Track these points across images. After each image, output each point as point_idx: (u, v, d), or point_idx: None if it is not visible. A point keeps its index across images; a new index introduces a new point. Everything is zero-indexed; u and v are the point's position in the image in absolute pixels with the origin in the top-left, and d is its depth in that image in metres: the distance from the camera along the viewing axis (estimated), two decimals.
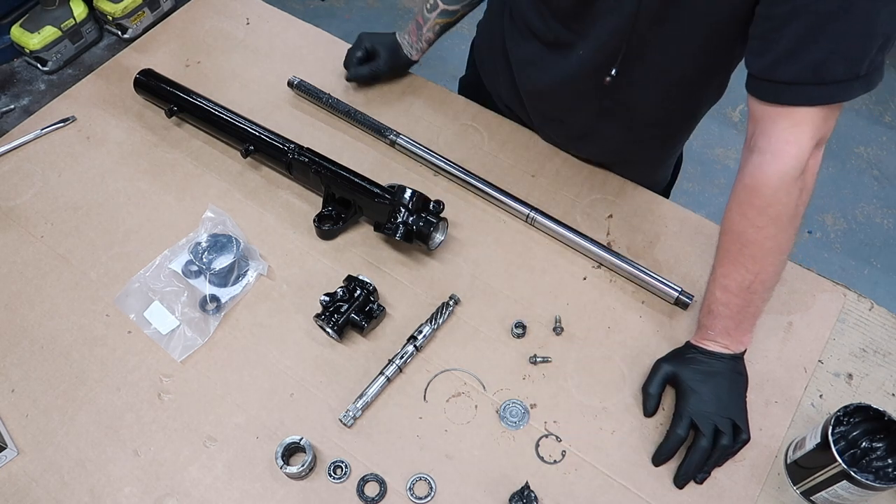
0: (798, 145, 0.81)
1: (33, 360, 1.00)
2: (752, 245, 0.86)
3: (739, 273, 0.88)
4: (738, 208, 0.87)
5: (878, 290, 2.26)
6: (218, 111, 1.20)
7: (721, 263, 0.90)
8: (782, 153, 0.81)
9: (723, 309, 0.91)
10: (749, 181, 0.84)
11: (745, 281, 0.88)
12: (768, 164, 0.82)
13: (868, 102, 2.76)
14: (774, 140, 0.82)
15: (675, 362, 0.94)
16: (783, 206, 0.83)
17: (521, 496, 0.87)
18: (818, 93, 0.78)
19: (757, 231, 0.85)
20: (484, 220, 1.14)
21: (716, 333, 0.93)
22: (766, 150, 0.83)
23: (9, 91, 1.34)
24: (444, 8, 1.22)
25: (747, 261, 0.87)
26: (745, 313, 0.91)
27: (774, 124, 0.82)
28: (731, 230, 0.88)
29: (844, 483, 0.80)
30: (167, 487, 0.89)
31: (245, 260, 1.07)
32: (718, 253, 0.91)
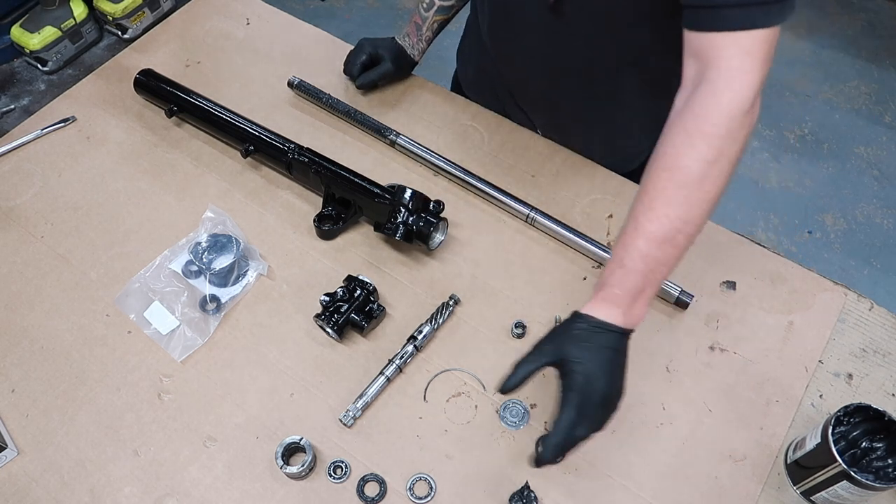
0: (751, 74, 0.76)
1: (33, 360, 1.00)
2: (692, 185, 0.76)
3: (669, 219, 0.76)
4: (684, 139, 0.76)
5: (878, 290, 2.26)
6: (218, 111, 1.20)
7: (651, 206, 0.77)
8: (736, 81, 0.75)
9: (639, 263, 0.77)
10: (700, 110, 0.76)
11: (672, 229, 0.76)
12: (722, 92, 0.75)
13: (868, 102, 2.76)
14: (725, 69, 0.76)
15: (561, 340, 0.79)
16: (734, 141, 0.76)
17: (521, 496, 0.87)
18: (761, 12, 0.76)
19: (704, 167, 0.75)
20: (484, 220, 1.14)
21: (622, 293, 0.78)
22: (717, 79, 0.76)
23: (9, 91, 1.34)
24: (439, 4, 1.23)
25: (681, 204, 0.76)
26: (657, 273, 0.78)
27: (722, 55, 0.76)
28: (673, 166, 0.76)
29: (844, 483, 0.80)
30: (167, 487, 0.89)
31: (245, 260, 1.07)
32: (647, 195, 0.78)
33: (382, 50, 1.28)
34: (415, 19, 1.27)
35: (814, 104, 2.75)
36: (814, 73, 2.86)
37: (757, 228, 2.41)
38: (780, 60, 2.88)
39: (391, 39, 1.30)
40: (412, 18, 1.27)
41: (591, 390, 0.76)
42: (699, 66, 0.79)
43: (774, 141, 2.64)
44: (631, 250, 0.77)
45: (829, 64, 2.89)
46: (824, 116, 2.71)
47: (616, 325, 0.78)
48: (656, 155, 0.79)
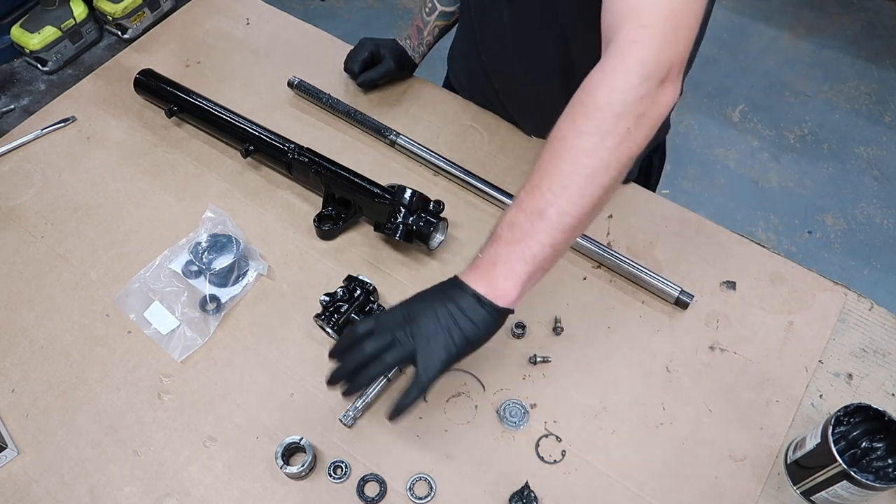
0: (643, 46, 0.71)
1: (33, 360, 1.00)
2: (566, 158, 0.72)
3: (541, 191, 0.73)
4: (567, 113, 0.74)
5: (878, 290, 2.26)
6: (218, 111, 1.20)
7: (529, 179, 0.75)
8: (625, 53, 0.72)
9: (506, 232, 0.74)
10: (588, 85, 0.73)
11: (542, 203, 0.73)
12: (609, 64, 0.72)
13: (868, 102, 2.76)
14: (621, 40, 0.72)
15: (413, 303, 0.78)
16: (614, 117, 0.71)
17: (521, 496, 0.87)
18: None
19: (579, 139, 0.72)
20: (484, 220, 1.14)
21: (483, 259, 0.76)
22: (610, 52, 0.73)
23: (9, 91, 1.34)
24: (441, 10, 1.23)
25: (554, 177, 0.72)
26: (523, 246, 0.73)
27: (620, 27, 0.73)
28: (553, 137, 0.74)
29: (844, 483, 0.80)
30: (167, 487, 0.89)
31: (245, 260, 1.07)
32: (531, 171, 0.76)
33: (384, 49, 1.28)
34: (416, 23, 1.27)
35: (814, 104, 2.75)
36: (814, 73, 2.86)
37: (757, 228, 2.41)
38: (780, 60, 2.88)
39: (392, 40, 1.30)
40: (414, 22, 1.27)
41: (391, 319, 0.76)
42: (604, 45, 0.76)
43: (774, 141, 2.64)
44: (503, 221, 0.76)
45: (829, 64, 2.89)
46: (824, 116, 2.71)
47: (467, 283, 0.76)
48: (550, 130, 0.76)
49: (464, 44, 1.28)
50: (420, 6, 1.26)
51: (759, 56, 2.91)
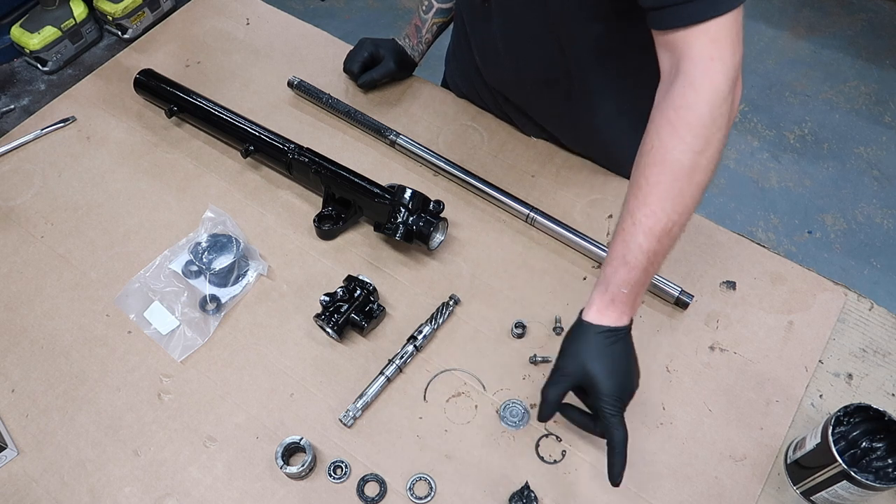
0: (723, 61, 0.77)
1: (33, 360, 1.00)
2: (684, 177, 0.77)
3: (665, 213, 0.77)
4: (671, 133, 0.77)
5: (878, 290, 2.26)
6: (218, 111, 1.20)
7: (645, 202, 0.78)
8: (711, 70, 0.77)
9: (642, 259, 0.78)
10: (681, 102, 0.77)
11: (670, 222, 0.77)
12: (700, 83, 0.77)
13: (868, 102, 2.76)
14: (699, 60, 0.77)
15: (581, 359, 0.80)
16: (718, 128, 0.77)
17: (521, 496, 0.87)
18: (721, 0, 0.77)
19: (694, 157, 0.76)
20: (484, 220, 1.14)
21: (629, 292, 0.79)
22: (693, 70, 0.77)
23: (9, 91, 1.34)
24: (438, 7, 1.23)
25: (676, 197, 0.77)
26: (656, 266, 0.79)
27: (692, 48, 0.78)
28: (663, 160, 0.77)
29: (844, 483, 0.80)
30: (167, 487, 0.89)
31: (245, 260, 1.07)
32: (641, 191, 0.78)
33: (384, 49, 1.28)
34: (415, 22, 1.27)
35: (814, 104, 2.75)
36: (814, 73, 2.86)
37: (757, 228, 2.41)
38: (780, 60, 2.88)
39: (391, 40, 1.30)
40: (412, 21, 1.27)
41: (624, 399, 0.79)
42: (673, 59, 0.80)
43: (774, 141, 2.64)
44: (633, 247, 0.78)
45: (829, 64, 2.89)
46: (824, 116, 2.71)
47: (625, 326, 0.80)
48: (644, 150, 0.80)
49: (458, 46, 1.28)
50: (417, 4, 1.26)
51: (759, 56, 2.91)
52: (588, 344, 0.80)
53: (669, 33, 0.79)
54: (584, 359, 0.80)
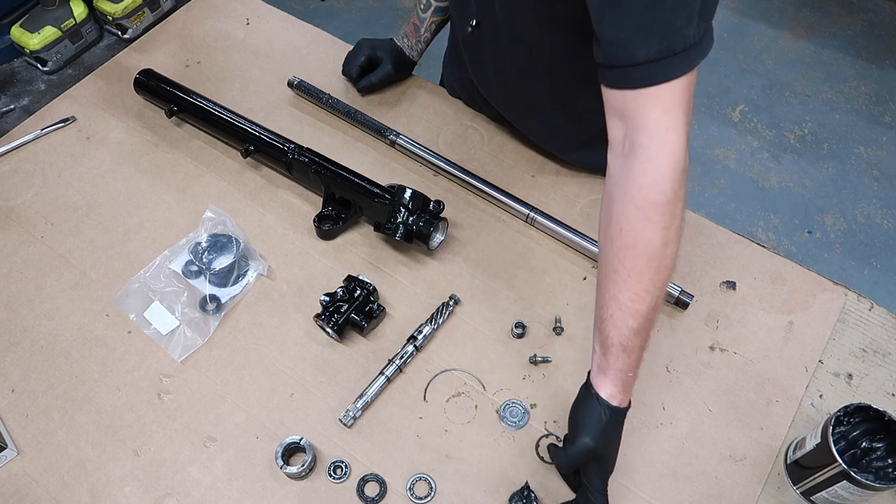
0: (677, 130, 0.75)
1: (33, 360, 1.00)
2: (659, 256, 0.77)
3: (648, 292, 0.77)
4: (639, 215, 0.76)
5: (878, 290, 2.26)
6: (218, 111, 1.20)
7: (628, 286, 0.78)
8: (667, 142, 0.75)
9: (637, 340, 0.79)
10: (643, 181, 0.76)
11: (654, 299, 0.78)
12: (658, 158, 0.75)
13: (868, 102, 2.76)
14: (654, 131, 0.76)
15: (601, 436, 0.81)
16: (680, 198, 0.77)
17: (521, 496, 0.87)
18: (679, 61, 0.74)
19: (664, 234, 0.76)
20: (484, 220, 1.14)
21: (633, 376, 0.82)
22: (649, 144, 0.76)
23: (9, 91, 1.34)
24: (436, 5, 1.23)
25: (654, 275, 0.77)
26: (648, 339, 0.81)
27: (646, 116, 0.76)
28: (636, 243, 0.77)
29: (844, 483, 0.80)
30: (167, 487, 0.89)
31: (245, 260, 1.07)
32: (619, 275, 0.78)
33: (381, 52, 1.28)
34: (413, 21, 1.27)
35: (814, 104, 2.75)
36: (814, 73, 2.86)
37: (757, 228, 2.41)
38: (780, 60, 2.88)
39: (390, 41, 1.30)
40: (410, 20, 1.27)
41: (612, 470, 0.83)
42: (625, 128, 0.79)
43: (774, 141, 2.64)
44: (626, 332, 0.79)
45: (829, 64, 2.89)
46: (824, 116, 2.71)
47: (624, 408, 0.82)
48: (611, 232, 0.79)
49: (453, 56, 1.29)
50: (416, 3, 1.26)
51: (759, 56, 2.91)
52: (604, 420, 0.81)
53: (620, 94, 0.77)
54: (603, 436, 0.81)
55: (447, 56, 1.35)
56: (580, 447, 0.81)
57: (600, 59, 0.78)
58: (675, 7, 0.73)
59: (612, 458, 0.83)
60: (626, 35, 0.75)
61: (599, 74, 0.80)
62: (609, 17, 0.76)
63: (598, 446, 0.80)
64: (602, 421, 0.81)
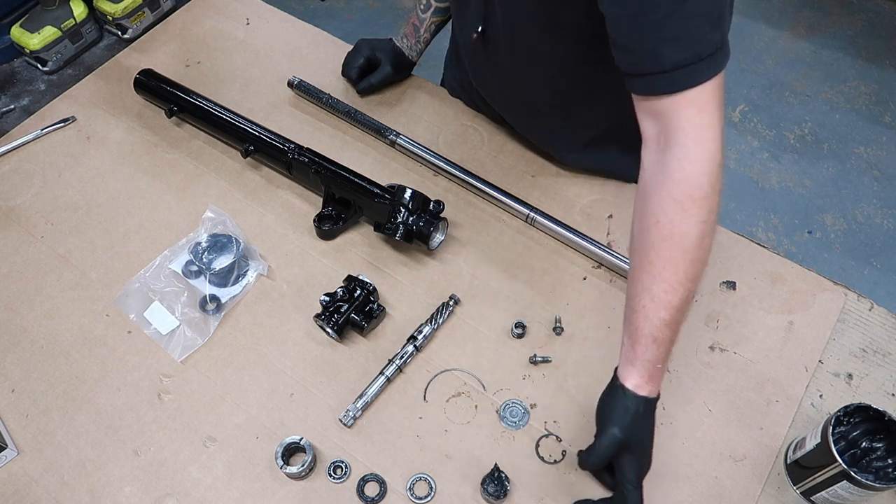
0: (713, 127, 0.78)
1: (33, 360, 1.00)
2: (694, 248, 0.78)
3: (682, 284, 0.79)
4: (676, 209, 0.78)
5: (878, 290, 2.25)
6: (218, 111, 1.20)
7: (662, 278, 0.79)
8: (704, 138, 0.77)
9: (668, 332, 0.80)
10: (680, 176, 0.77)
11: (687, 291, 0.79)
12: (695, 154, 0.77)
13: (868, 102, 2.76)
14: (690, 129, 0.78)
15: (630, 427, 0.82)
16: (717, 195, 0.78)
17: (493, 478, 0.87)
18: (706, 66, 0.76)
19: (702, 227, 0.78)
20: (484, 220, 1.14)
21: (663, 367, 0.82)
22: (685, 141, 0.78)
23: (9, 91, 1.34)
24: (436, 6, 1.23)
25: (689, 267, 0.79)
26: (679, 332, 0.82)
27: (680, 117, 0.78)
28: (673, 235, 0.78)
29: (844, 483, 0.80)
30: (167, 487, 0.89)
31: (245, 260, 1.07)
32: (654, 266, 0.79)
33: (380, 53, 1.28)
34: (412, 21, 1.27)
35: (814, 104, 2.75)
36: (814, 73, 2.86)
37: (757, 228, 2.41)
38: (780, 60, 2.88)
39: (389, 41, 1.30)
40: (410, 20, 1.27)
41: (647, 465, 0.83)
42: (659, 127, 0.80)
43: (774, 141, 2.64)
44: (658, 323, 0.80)
45: (829, 64, 2.89)
46: (824, 116, 2.71)
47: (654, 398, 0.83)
48: (647, 223, 0.80)
49: (454, 58, 1.29)
50: (416, 3, 1.26)
51: (759, 56, 2.91)
52: (640, 416, 0.82)
53: (653, 100, 0.79)
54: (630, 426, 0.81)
55: (448, 57, 1.35)
56: (608, 438, 0.80)
57: (625, 67, 0.80)
58: (698, 15, 0.74)
59: (644, 451, 0.82)
60: (651, 44, 0.76)
61: (627, 82, 0.81)
62: (631, 27, 0.77)
63: (626, 437, 0.80)
64: (629, 411, 0.81)
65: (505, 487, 0.86)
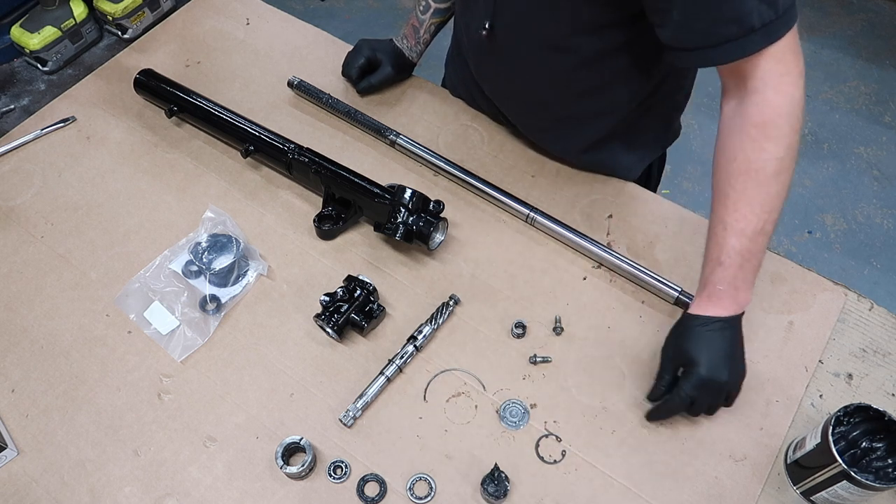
0: (791, 73, 0.82)
1: (33, 360, 1.00)
2: (770, 181, 0.83)
3: (755, 214, 0.84)
4: (754, 147, 0.82)
5: (878, 290, 2.26)
6: (218, 111, 1.20)
7: (735, 208, 0.85)
8: (783, 84, 0.81)
9: (736, 258, 0.86)
10: (759, 119, 0.82)
11: (761, 222, 0.84)
12: (774, 98, 0.82)
13: (868, 102, 2.76)
14: (769, 77, 0.81)
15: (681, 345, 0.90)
16: (796, 134, 0.82)
17: (493, 478, 0.87)
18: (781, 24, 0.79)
19: (778, 163, 0.82)
20: (484, 220, 1.14)
21: (725, 288, 0.88)
22: (765, 88, 0.82)
23: (9, 91, 1.34)
24: (436, 7, 1.23)
25: (765, 199, 0.84)
26: (755, 261, 0.87)
27: (760, 67, 0.81)
28: (749, 170, 0.83)
29: (844, 483, 0.80)
30: (167, 487, 0.89)
31: (245, 260, 1.07)
32: (729, 198, 0.85)
33: (381, 53, 1.28)
34: (412, 22, 1.27)
35: (814, 104, 2.75)
36: (814, 73, 2.85)
37: None
38: None
39: (389, 41, 1.30)
40: (409, 21, 1.27)
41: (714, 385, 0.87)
42: (735, 81, 0.84)
43: None
44: (727, 248, 0.86)
45: (829, 64, 2.89)
46: (824, 116, 2.71)
47: (726, 316, 0.88)
48: (725, 158, 0.86)
49: (455, 55, 1.29)
50: (415, 4, 1.26)
51: None
52: (686, 330, 0.90)
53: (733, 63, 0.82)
54: (683, 344, 0.90)
55: (449, 55, 1.35)
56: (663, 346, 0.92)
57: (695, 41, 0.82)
58: None
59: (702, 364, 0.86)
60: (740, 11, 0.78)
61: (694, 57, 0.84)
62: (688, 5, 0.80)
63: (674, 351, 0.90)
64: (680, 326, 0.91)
65: (505, 487, 0.86)
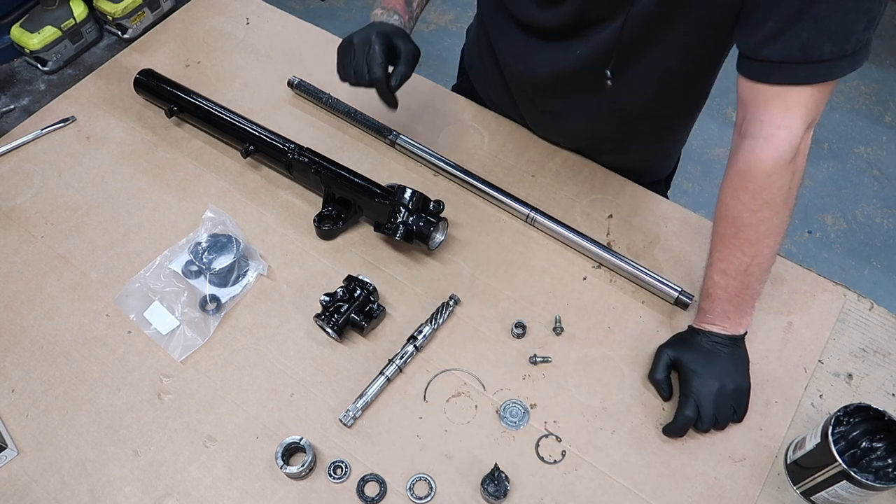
0: (789, 129, 0.81)
1: (33, 360, 1.00)
2: (747, 229, 0.87)
3: (736, 257, 0.88)
4: (731, 193, 0.87)
5: (878, 290, 2.26)
6: (218, 111, 1.20)
7: (717, 248, 0.91)
8: (775, 138, 0.82)
9: (721, 293, 0.92)
10: (742, 166, 0.85)
11: (742, 264, 0.89)
12: (761, 149, 0.83)
13: (868, 102, 2.76)
14: (766, 125, 0.82)
15: (677, 347, 0.95)
16: (777, 190, 0.84)
17: (493, 478, 0.87)
18: (805, 71, 0.78)
19: (752, 215, 0.86)
20: (484, 220, 1.14)
21: (714, 317, 0.93)
22: (759, 135, 0.83)
23: (9, 91, 1.34)
24: None
25: (744, 245, 0.88)
26: (744, 296, 0.91)
27: (766, 109, 0.82)
28: (727, 215, 0.88)
29: (844, 483, 0.80)
30: (167, 487, 0.89)
31: (245, 260, 1.08)
32: (714, 238, 0.92)
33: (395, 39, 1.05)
34: None
35: None
36: None
37: None
38: None
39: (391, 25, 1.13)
40: None
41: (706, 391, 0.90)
42: (745, 114, 0.85)
43: None
44: (711, 283, 0.93)
45: None
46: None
47: (721, 333, 0.93)
48: (718, 202, 0.90)
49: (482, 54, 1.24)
50: None
51: None
52: (684, 338, 0.96)
53: (750, 85, 0.83)
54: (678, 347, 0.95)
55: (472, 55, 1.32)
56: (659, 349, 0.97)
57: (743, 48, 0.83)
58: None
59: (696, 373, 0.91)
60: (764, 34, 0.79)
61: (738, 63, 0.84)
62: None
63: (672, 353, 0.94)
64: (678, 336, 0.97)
65: (505, 487, 0.86)
